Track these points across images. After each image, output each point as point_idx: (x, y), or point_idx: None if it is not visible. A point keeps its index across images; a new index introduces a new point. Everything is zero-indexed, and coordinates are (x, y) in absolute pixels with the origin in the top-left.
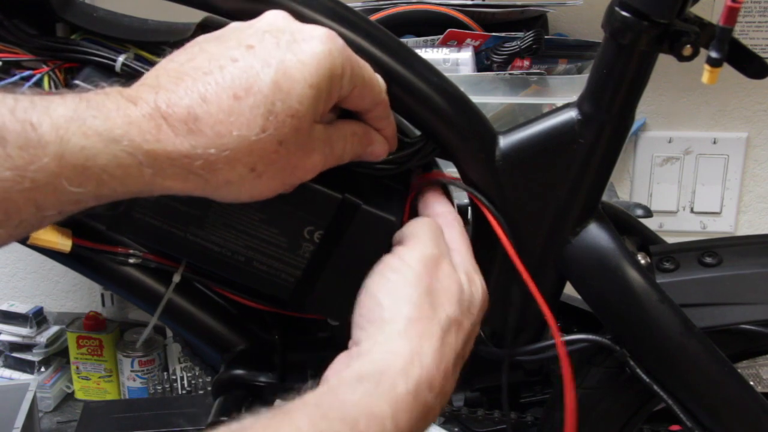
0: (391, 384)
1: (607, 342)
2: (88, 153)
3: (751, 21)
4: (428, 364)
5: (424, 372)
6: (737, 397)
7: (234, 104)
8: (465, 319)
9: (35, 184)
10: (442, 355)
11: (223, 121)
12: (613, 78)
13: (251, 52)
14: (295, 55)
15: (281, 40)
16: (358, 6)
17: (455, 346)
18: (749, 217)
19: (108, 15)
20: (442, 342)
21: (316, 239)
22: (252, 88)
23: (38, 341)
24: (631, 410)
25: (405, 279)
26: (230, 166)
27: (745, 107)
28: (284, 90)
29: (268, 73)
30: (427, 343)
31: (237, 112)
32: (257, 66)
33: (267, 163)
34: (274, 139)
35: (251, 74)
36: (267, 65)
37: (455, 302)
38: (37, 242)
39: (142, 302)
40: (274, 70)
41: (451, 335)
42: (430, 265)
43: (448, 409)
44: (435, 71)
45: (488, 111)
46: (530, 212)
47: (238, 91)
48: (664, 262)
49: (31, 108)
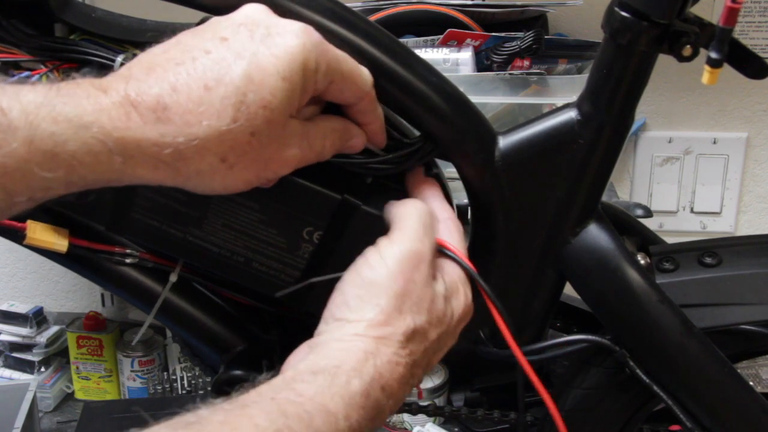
0: (346, 380)
1: (607, 342)
2: (57, 139)
3: (751, 21)
4: (382, 366)
5: (377, 373)
6: (737, 397)
7: (204, 94)
8: (433, 329)
9: (5, 170)
10: (398, 361)
11: (192, 111)
12: (613, 78)
13: (225, 44)
14: (268, 48)
15: (256, 33)
16: (358, 6)
17: (416, 355)
18: (749, 217)
19: (106, 15)
20: (402, 347)
21: (315, 240)
22: (223, 78)
23: (38, 341)
24: (631, 410)
25: (378, 280)
26: (200, 155)
27: (745, 107)
28: (256, 82)
29: (240, 65)
30: (385, 348)
31: (207, 102)
32: (230, 58)
33: (238, 154)
34: (246, 130)
35: (223, 66)
36: (240, 57)
37: (424, 311)
38: (34, 242)
39: (140, 302)
40: (246, 62)
41: (414, 344)
42: (407, 265)
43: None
44: (434, 71)
45: (488, 111)
46: (530, 212)
47: (208, 82)
48: (663, 262)
49: (1, 94)
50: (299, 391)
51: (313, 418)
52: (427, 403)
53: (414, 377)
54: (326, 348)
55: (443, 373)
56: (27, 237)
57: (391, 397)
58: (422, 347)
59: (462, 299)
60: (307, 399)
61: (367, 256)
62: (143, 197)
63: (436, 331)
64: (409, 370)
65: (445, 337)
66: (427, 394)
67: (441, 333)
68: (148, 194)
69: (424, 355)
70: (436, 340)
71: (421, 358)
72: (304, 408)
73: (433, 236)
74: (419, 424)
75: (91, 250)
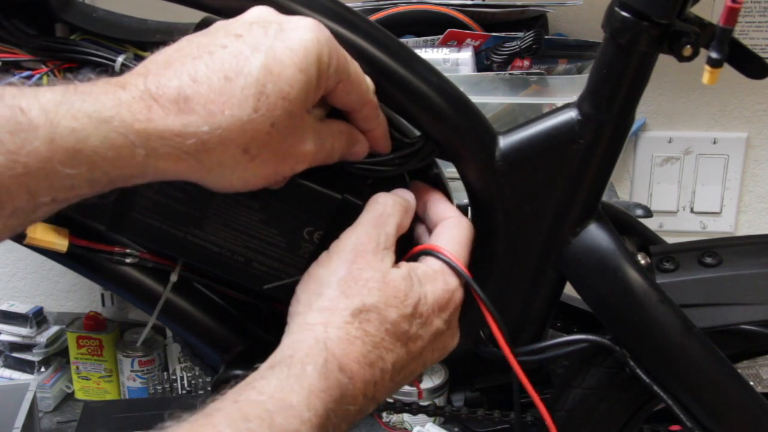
0: (301, 368)
1: (607, 342)
2: (78, 135)
3: (751, 21)
4: (333, 346)
5: (329, 355)
6: (737, 397)
7: (225, 85)
8: (391, 310)
9: (27, 169)
10: (350, 342)
11: (214, 101)
12: (613, 78)
13: (240, 39)
14: (283, 42)
15: (269, 29)
16: (358, 6)
17: (374, 334)
18: (749, 217)
19: (107, 15)
20: (349, 324)
21: (315, 240)
22: (242, 70)
23: (38, 341)
24: (631, 410)
25: (324, 272)
26: (223, 146)
27: (745, 107)
28: (275, 73)
29: (258, 57)
30: (333, 329)
31: (228, 93)
32: (247, 51)
33: (259, 145)
34: (267, 120)
35: (241, 58)
36: (257, 50)
37: (375, 290)
38: (34, 242)
39: (141, 302)
40: (263, 54)
41: (367, 322)
42: (350, 254)
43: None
44: (434, 71)
45: (488, 111)
46: (530, 212)
47: (228, 73)
48: (664, 262)
49: (19, 94)
50: (259, 388)
51: (274, 417)
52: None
53: (383, 360)
54: (282, 344)
55: (443, 373)
56: (27, 237)
57: (355, 378)
58: (381, 327)
59: (440, 285)
60: (267, 397)
61: (321, 255)
62: (144, 197)
63: (397, 312)
64: (369, 349)
65: (420, 322)
66: (427, 394)
67: (407, 315)
68: (148, 194)
69: (390, 337)
70: (403, 323)
71: (386, 340)
72: (265, 407)
73: (389, 225)
74: (419, 424)
75: (91, 249)
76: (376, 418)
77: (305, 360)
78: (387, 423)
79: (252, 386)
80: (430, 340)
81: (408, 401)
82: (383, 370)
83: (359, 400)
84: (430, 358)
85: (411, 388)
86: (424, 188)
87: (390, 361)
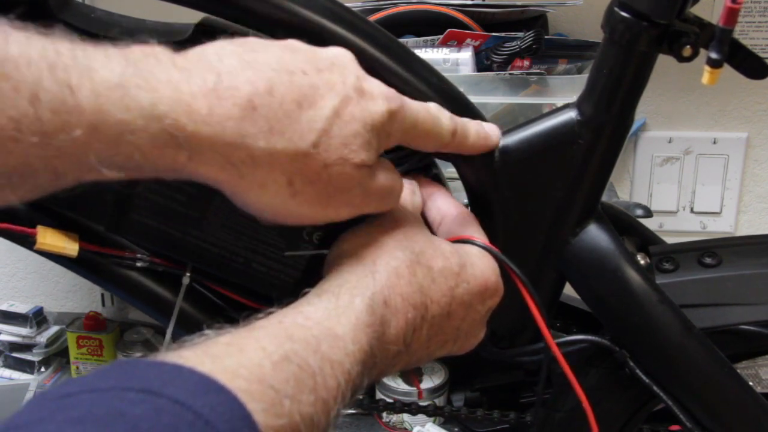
0: (349, 299)
1: (607, 343)
2: (125, 128)
3: (751, 21)
4: (381, 278)
5: (377, 286)
6: (737, 397)
7: (295, 110)
8: (437, 260)
9: (60, 152)
10: (399, 276)
11: (281, 120)
12: (613, 78)
13: (320, 74)
14: (358, 96)
15: (347, 79)
16: (358, 6)
17: (422, 281)
18: (749, 217)
19: (105, 15)
20: (403, 265)
21: (315, 240)
22: (316, 104)
23: (38, 341)
24: (630, 410)
25: (369, 226)
26: (270, 168)
27: (745, 107)
28: (343, 121)
29: (332, 99)
30: (382, 264)
31: (296, 118)
32: (323, 89)
33: (306, 181)
34: (322, 158)
35: (318, 93)
36: (333, 92)
37: (422, 242)
38: (45, 247)
39: (150, 307)
40: (339, 99)
41: (417, 267)
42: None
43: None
44: (434, 72)
45: (488, 111)
46: (530, 213)
47: (301, 100)
48: (663, 262)
49: (72, 66)
50: (306, 314)
51: (321, 343)
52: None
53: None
54: (329, 276)
55: (443, 373)
56: (37, 242)
57: (398, 314)
58: (429, 275)
59: (488, 263)
60: (314, 323)
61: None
62: (143, 198)
63: (443, 263)
64: (415, 289)
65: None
66: (427, 394)
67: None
68: (148, 195)
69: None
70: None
71: (432, 289)
72: (311, 332)
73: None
74: (419, 424)
75: (101, 254)
76: (376, 418)
77: (354, 292)
78: (387, 423)
79: (299, 311)
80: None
81: (408, 401)
82: (424, 318)
83: (399, 341)
84: (461, 342)
85: (411, 388)
86: (425, 181)
87: (432, 312)
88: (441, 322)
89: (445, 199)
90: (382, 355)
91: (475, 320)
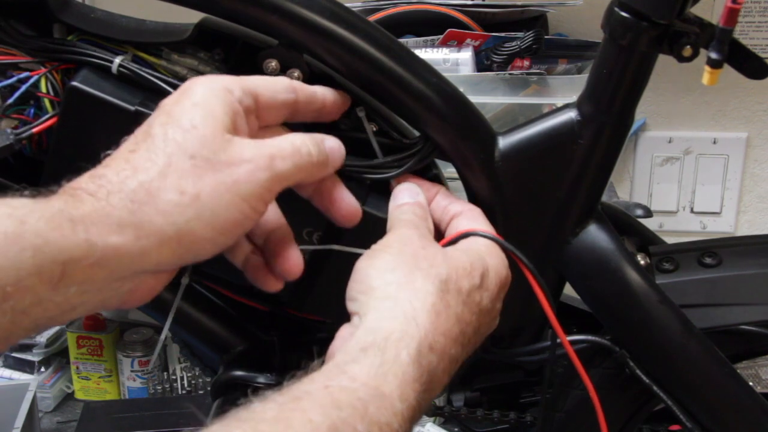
0: (395, 353)
1: (607, 343)
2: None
3: (751, 21)
4: (424, 322)
5: (421, 332)
6: (737, 397)
7: (130, 156)
8: (463, 281)
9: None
10: (437, 314)
11: (125, 165)
12: (613, 78)
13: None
14: (178, 103)
15: (174, 95)
16: (358, 6)
17: (456, 309)
18: (749, 217)
19: (105, 16)
20: (436, 300)
21: (315, 240)
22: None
23: (38, 341)
24: (631, 410)
25: (389, 252)
26: (155, 194)
27: (745, 107)
28: (174, 121)
29: (160, 117)
30: (419, 303)
31: (139, 156)
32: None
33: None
34: (184, 156)
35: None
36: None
37: (443, 264)
38: None
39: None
40: (165, 114)
41: (449, 296)
42: (410, 240)
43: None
44: (434, 72)
45: (488, 111)
46: (530, 213)
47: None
48: (663, 262)
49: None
50: (352, 374)
51: (368, 406)
52: None
53: (464, 335)
54: (366, 320)
55: None
56: None
57: (443, 356)
58: (459, 299)
59: (499, 260)
60: (360, 384)
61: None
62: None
63: (469, 283)
64: (453, 322)
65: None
66: None
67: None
68: None
69: (467, 309)
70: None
71: (465, 312)
72: (357, 395)
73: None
74: (419, 424)
75: None
76: None
77: (399, 345)
78: None
79: (343, 370)
80: (492, 316)
81: None
82: (463, 346)
83: (444, 380)
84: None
85: None
86: (425, 182)
87: (467, 336)
88: (474, 338)
89: (449, 198)
90: (429, 398)
91: (496, 315)
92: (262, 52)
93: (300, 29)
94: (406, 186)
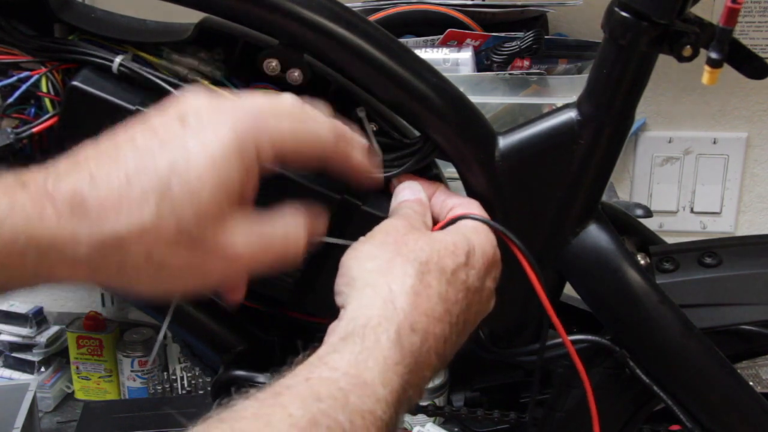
0: (374, 338)
1: (607, 343)
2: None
3: (751, 21)
4: (402, 305)
5: (400, 314)
6: (737, 397)
7: (124, 185)
8: (446, 260)
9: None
10: (417, 294)
11: (110, 204)
12: (613, 78)
13: (153, 134)
14: (196, 136)
15: (187, 121)
16: (358, 6)
17: (438, 288)
18: (749, 217)
19: (106, 15)
20: (415, 281)
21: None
22: (146, 168)
23: (38, 341)
24: (631, 410)
25: (370, 243)
26: (120, 253)
27: (745, 107)
28: (181, 171)
29: (165, 155)
30: (397, 286)
31: (126, 194)
32: (155, 147)
33: (165, 253)
34: (172, 224)
35: (147, 155)
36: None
37: (426, 247)
38: None
39: (149, 306)
40: (172, 151)
41: (430, 276)
42: (395, 229)
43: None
44: (434, 71)
45: (488, 111)
46: (530, 213)
47: (129, 171)
48: (663, 262)
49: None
50: (332, 364)
51: (349, 396)
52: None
53: (450, 314)
54: (347, 311)
55: (443, 373)
56: None
57: (427, 335)
58: (442, 278)
59: (484, 238)
60: (341, 373)
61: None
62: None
63: (453, 261)
64: (436, 301)
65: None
66: (427, 394)
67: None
68: None
69: (452, 288)
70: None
71: (450, 292)
72: (338, 385)
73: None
74: (419, 424)
75: None
76: None
77: (378, 329)
78: None
79: (324, 361)
80: (485, 295)
81: None
82: (450, 324)
83: (432, 360)
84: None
85: None
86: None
87: (455, 315)
88: (464, 317)
89: (447, 193)
90: (418, 382)
91: (488, 296)
92: (262, 51)
93: (301, 28)
94: (407, 184)
